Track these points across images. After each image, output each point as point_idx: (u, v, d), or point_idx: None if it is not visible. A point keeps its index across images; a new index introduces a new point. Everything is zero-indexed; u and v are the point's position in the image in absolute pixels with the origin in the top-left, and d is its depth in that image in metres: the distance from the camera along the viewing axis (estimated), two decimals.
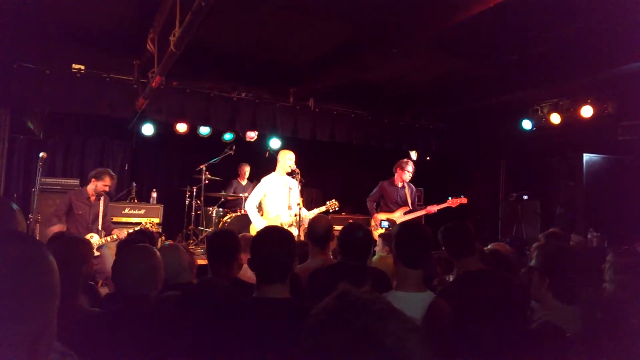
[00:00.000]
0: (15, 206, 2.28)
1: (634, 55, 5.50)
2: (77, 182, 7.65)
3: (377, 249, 4.51)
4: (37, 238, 5.59)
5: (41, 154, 5.44)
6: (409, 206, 7.08)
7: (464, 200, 7.11)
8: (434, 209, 7.10)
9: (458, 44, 5.94)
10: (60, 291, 1.06)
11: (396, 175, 7.15)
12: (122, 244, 3.83)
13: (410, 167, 7.09)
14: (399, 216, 6.95)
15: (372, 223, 7.04)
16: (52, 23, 5.69)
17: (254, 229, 6.01)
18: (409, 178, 7.13)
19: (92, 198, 5.92)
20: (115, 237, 5.81)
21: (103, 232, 6.01)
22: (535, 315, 2.49)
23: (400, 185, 7.13)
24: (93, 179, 5.87)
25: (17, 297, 0.95)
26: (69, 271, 2.59)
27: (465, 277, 2.83)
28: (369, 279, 2.88)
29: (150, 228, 6.10)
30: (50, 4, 5.22)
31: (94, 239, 5.77)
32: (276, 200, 6.10)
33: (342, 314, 0.90)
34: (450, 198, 7.12)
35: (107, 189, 5.93)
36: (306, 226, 5.72)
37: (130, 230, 5.73)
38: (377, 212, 7.12)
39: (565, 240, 4.98)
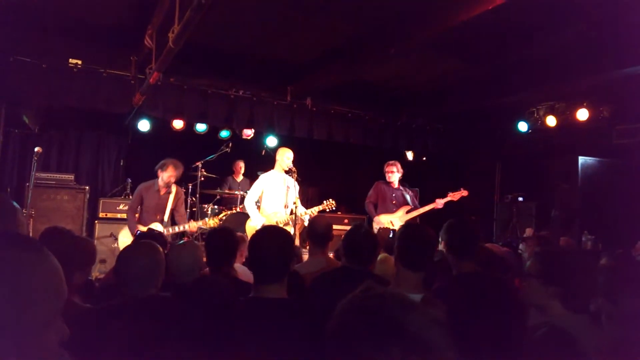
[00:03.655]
0: (16, 205, 2.25)
1: (630, 58, 5.50)
2: (71, 177, 7.62)
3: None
4: (30, 233, 5.58)
5: (36, 149, 5.38)
6: (409, 205, 6.84)
7: (464, 192, 6.94)
8: (441, 202, 6.83)
9: (456, 45, 5.95)
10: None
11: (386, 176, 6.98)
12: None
13: (392, 167, 6.88)
14: (401, 215, 6.73)
15: (374, 226, 6.73)
16: (49, 17, 5.66)
17: (249, 226, 6.01)
18: (396, 178, 6.89)
19: (163, 190, 5.81)
20: (182, 228, 5.70)
21: (170, 224, 5.87)
22: (533, 320, 2.45)
23: (395, 186, 6.94)
24: (159, 171, 5.76)
25: (20, 304, 0.92)
26: (65, 270, 2.57)
27: (459, 279, 2.79)
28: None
29: (216, 223, 5.96)
30: None
31: (157, 226, 5.65)
32: (273, 197, 6.08)
33: (369, 304, 0.97)
34: (450, 192, 6.93)
35: (173, 179, 5.75)
36: (304, 224, 5.73)
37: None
38: (378, 214, 6.82)
39: (553, 244, 5.00)
